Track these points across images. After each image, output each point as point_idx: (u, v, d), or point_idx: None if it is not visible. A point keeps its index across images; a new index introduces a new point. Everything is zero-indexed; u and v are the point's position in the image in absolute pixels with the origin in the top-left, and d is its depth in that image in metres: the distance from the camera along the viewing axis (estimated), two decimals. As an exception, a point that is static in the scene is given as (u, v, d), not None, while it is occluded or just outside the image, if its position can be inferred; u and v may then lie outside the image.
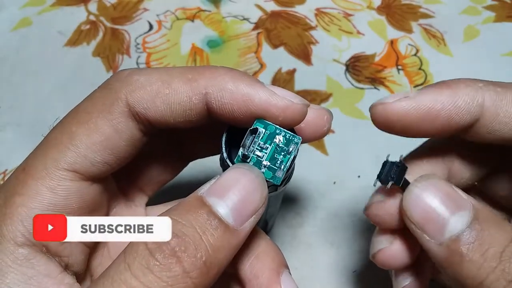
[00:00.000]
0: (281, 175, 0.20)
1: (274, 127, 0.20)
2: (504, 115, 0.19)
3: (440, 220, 0.19)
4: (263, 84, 0.20)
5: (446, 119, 0.20)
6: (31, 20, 0.47)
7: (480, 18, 0.48)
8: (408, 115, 0.20)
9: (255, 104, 0.20)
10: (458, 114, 0.20)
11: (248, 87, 0.20)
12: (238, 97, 0.20)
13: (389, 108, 0.20)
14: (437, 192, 0.19)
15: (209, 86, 0.20)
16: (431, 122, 0.20)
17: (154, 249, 0.16)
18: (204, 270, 0.17)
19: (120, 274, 0.16)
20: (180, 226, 0.17)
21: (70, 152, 0.19)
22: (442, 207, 0.19)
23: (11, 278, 0.18)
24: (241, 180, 0.18)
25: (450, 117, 0.20)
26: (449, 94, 0.20)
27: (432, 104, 0.20)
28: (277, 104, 0.20)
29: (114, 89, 0.20)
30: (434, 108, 0.20)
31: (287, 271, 0.21)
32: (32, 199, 0.18)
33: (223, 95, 0.20)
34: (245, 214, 0.18)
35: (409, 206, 0.20)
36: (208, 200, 0.18)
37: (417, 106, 0.20)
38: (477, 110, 0.19)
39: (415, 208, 0.19)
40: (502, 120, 0.19)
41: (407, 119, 0.20)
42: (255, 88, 0.20)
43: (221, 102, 0.20)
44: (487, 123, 0.20)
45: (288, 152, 0.20)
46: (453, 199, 0.19)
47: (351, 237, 0.34)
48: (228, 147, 0.21)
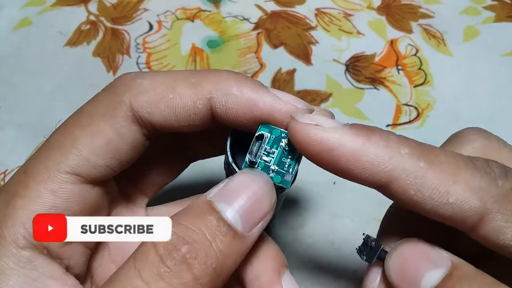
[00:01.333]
0: (290, 179, 0.20)
1: (279, 131, 0.20)
2: (415, 193, 0.17)
3: (414, 278, 0.18)
4: (267, 88, 0.20)
5: (361, 168, 0.18)
6: (31, 20, 0.47)
7: (480, 18, 0.48)
8: (312, 144, 0.18)
9: (259, 109, 0.20)
10: (369, 169, 0.18)
11: (253, 92, 0.20)
12: (242, 102, 0.19)
13: (295, 127, 0.19)
14: (412, 253, 0.19)
15: (214, 91, 0.20)
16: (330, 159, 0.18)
17: (165, 256, 0.16)
18: (214, 276, 0.17)
19: (130, 280, 0.16)
20: (190, 232, 0.17)
21: (72, 155, 0.19)
22: (416, 266, 0.18)
23: (14, 281, 0.18)
24: (250, 186, 0.19)
25: (363, 167, 0.18)
26: (363, 144, 0.18)
27: (336, 146, 0.18)
28: (281, 109, 0.20)
29: (117, 92, 0.20)
30: (338, 150, 0.18)
31: (288, 271, 0.21)
32: (33, 201, 0.18)
33: (228, 99, 0.20)
34: (254, 220, 0.18)
35: (389, 272, 0.19)
36: (218, 205, 0.18)
37: (321, 139, 0.18)
38: (384, 175, 0.17)
39: (394, 272, 0.19)
40: (413, 198, 0.17)
41: (310, 147, 0.18)
42: (259, 93, 0.20)
43: (225, 106, 0.20)
44: (397, 193, 0.18)
45: (295, 154, 0.20)
46: (428, 257, 0.18)
47: (351, 237, 0.34)
48: (233, 150, 0.21)
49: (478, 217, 0.17)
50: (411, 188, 0.17)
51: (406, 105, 0.42)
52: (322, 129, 0.18)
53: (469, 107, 0.42)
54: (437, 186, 0.17)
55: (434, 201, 0.17)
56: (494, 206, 0.17)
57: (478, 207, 0.17)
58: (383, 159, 0.17)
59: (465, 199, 0.17)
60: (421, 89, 0.43)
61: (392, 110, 0.41)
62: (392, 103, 0.42)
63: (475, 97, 0.42)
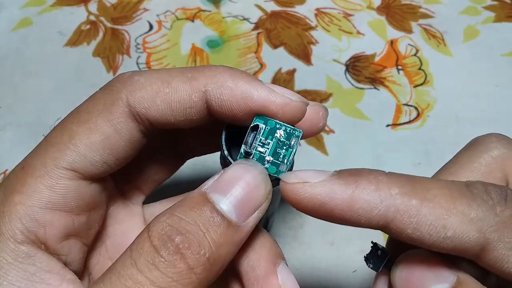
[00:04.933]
0: (284, 169, 0.20)
1: (274, 122, 0.20)
2: (413, 232, 0.17)
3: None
4: (262, 82, 0.20)
5: (356, 214, 0.18)
6: (31, 20, 0.47)
7: (480, 18, 0.48)
8: (304, 202, 0.18)
9: (254, 101, 0.20)
10: (362, 214, 0.18)
11: (247, 84, 0.20)
12: (237, 94, 0.20)
13: (284, 189, 0.19)
14: (417, 267, 0.18)
15: (209, 84, 0.20)
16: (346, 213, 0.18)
17: (159, 246, 0.17)
18: (207, 266, 0.17)
19: (126, 269, 0.17)
20: (184, 223, 0.17)
21: (70, 151, 0.19)
22: (421, 280, 0.18)
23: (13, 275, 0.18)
24: (244, 176, 0.19)
25: (357, 213, 0.18)
26: (351, 192, 0.17)
27: (327, 199, 0.18)
28: (276, 101, 0.20)
29: (115, 89, 0.20)
30: (329, 203, 0.18)
31: (284, 262, 0.21)
32: (31, 197, 0.18)
33: (222, 92, 0.20)
34: (248, 210, 0.18)
35: (394, 283, 0.19)
36: (212, 196, 0.18)
37: (310, 196, 0.18)
38: (380, 219, 0.17)
39: (399, 284, 0.19)
40: (410, 236, 0.17)
41: (303, 205, 0.18)
42: (254, 85, 0.20)
43: (220, 99, 0.20)
44: (397, 233, 0.18)
45: (290, 145, 0.20)
46: (434, 271, 0.18)
47: (351, 237, 0.34)
48: (228, 144, 0.22)
49: (479, 247, 0.17)
50: (408, 227, 0.17)
51: (406, 105, 0.42)
52: (310, 186, 0.18)
53: (469, 107, 0.42)
54: (432, 222, 0.17)
55: (432, 237, 0.17)
56: (494, 236, 0.17)
57: (478, 238, 0.17)
58: (374, 204, 0.17)
59: (463, 231, 0.17)
60: (421, 89, 0.43)
61: (392, 110, 0.41)
62: (392, 103, 0.42)
63: (475, 97, 0.42)
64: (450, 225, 0.17)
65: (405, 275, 0.19)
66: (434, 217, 0.17)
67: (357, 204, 0.17)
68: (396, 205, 0.17)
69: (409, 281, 0.18)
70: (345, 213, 0.18)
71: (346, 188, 0.18)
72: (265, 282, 0.20)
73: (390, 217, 0.17)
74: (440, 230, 0.17)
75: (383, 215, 0.17)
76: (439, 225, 0.17)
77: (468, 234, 0.17)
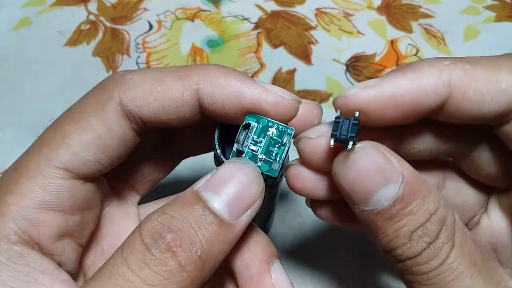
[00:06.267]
0: (277, 167, 0.20)
1: (266, 120, 0.20)
2: (474, 93, 0.18)
3: (365, 193, 0.18)
4: (254, 80, 0.20)
5: (411, 103, 0.19)
6: (31, 20, 0.47)
7: (480, 18, 0.48)
8: (369, 104, 0.19)
9: (246, 99, 0.20)
10: (424, 97, 0.19)
11: (239, 83, 0.20)
12: (229, 92, 0.20)
13: (349, 100, 0.19)
14: (368, 164, 0.18)
15: (201, 82, 0.20)
16: (395, 108, 0.19)
17: (150, 244, 0.17)
18: (199, 264, 0.17)
19: (117, 268, 0.17)
20: (175, 222, 0.17)
21: (63, 151, 0.19)
22: (369, 180, 0.18)
23: (6, 276, 0.18)
24: (236, 174, 0.19)
25: (415, 101, 0.19)
26: (412, 78, 0.19)
27: (394, 90, 0.19)
28: (268, 99, 0.20)
29: (107, 88, 0.20)
30: (397, 93, 0.19)
31: (278, 261, 0.21)
32: (24, 197, 0.19)
33: (214, 90, 0.20)
34: (241, 208, 0.18)
35: (338, 172, 0.19)
36: (204, 195, 0.18)
37: (378, 94, 0.19)
38: (444, 90, 0.19)
39: (345, 175, 0.19)
40: (472, 98, 0.18)
41: (369, 108, 0.19)
42: (246, 83, 0.20)
43: (212, 97, 0.20)
44: (457, 103, 0.19)
45: (282, 143, 0.20)
46: (382, 172, 0.18)
47: (351, 237, 0.34)
48: (221, 143, 0.22)
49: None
50: (470, 88, 0.18)
51: (406, 105, 0.42)
52: (372, 86, 0.19)
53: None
54: (487, 78, 0.18)
55: (491, 94, 0.18)
56: None
57: None
58: (437, 76, 0.19)
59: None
60: (421, 89, 0.43)
61: (392, 110, 0.41)
62: (392, 103, 0.42)
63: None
64: (502, 78, 0.18)
65: (352, 175, 0.19)
66: (487, 73, 0.18)
67: (424, 82, 0.19)
68: (455, 71, 0.19)
69: (355, 182, 0.19)
70: (412, 94, 0.19)
71: (404, 77, 0.19)
72: (259, 281, 0.20)
73: (453, 84, 0.19)
74: (496, 84, 0.18)
75: (446, 84, 0.18)
76: (494, 79, 0.18)
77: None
